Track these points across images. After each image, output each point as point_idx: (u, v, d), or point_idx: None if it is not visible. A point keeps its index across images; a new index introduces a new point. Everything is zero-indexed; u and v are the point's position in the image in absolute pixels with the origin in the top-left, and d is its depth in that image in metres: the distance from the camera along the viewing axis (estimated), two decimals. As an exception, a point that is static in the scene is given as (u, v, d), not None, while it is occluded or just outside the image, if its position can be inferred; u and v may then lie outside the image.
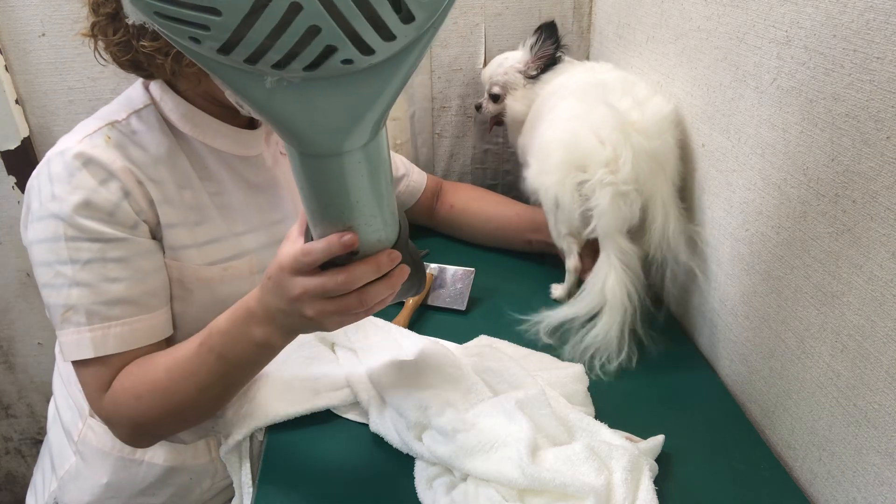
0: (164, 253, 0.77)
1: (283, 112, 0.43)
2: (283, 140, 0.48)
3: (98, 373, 0.72)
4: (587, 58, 1.29)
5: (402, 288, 0.63)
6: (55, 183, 0.71)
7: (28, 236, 0.74)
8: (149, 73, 0.76)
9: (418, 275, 0.65)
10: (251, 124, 0.86)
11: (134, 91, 0.80)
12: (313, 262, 0.57)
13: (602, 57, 1.20)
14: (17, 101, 1.19)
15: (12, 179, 1.22)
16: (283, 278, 0.59)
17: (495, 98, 1.13)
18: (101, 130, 0.74)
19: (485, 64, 1.27)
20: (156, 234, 0.76)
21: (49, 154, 0.73)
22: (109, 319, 0.72)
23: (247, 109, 0.77)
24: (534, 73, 1.07)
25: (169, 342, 0.77)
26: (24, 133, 1.20)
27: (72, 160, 0.71)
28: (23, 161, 1.21)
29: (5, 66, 1.16)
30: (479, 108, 1.18)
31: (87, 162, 0.71)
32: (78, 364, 0.73)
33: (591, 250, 0.92)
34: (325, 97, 0.42)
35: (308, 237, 0.59)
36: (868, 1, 0.54)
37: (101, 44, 0.72)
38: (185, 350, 0.70)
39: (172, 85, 0.79)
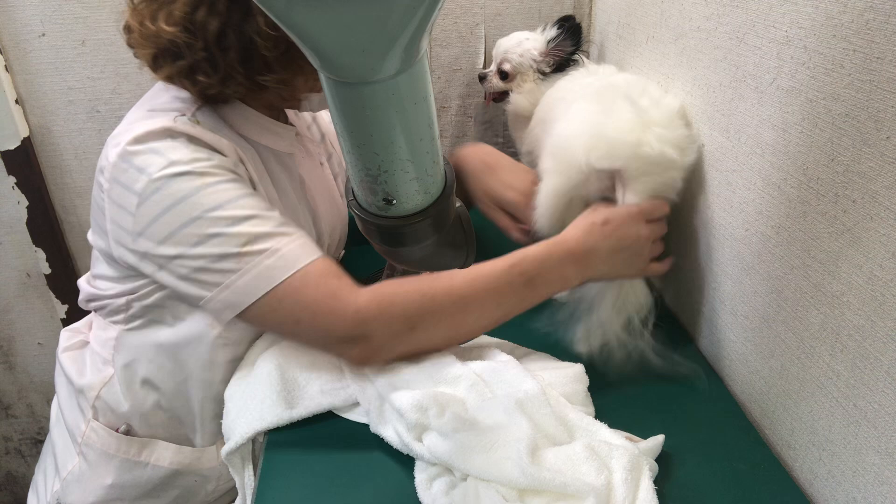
0: None
1: (305, 25, 0.41)
2: (315, 65, 0.45)
3: (323, 280, 0.66)
4: (587, 58, 1.29)
5: (446, 258, 0.60)
6: (167, 152, 0.67)
7: (141, 222, 0.68)
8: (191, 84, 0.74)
9: (467, 245, 0.62)
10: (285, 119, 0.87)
11: (179, 91, 0.77)
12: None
13: (602, 57, 1.20)
14: (17, 101, 1.19)
15: (12, 179, 1.23)
16: (632, 225, 0.74)
17: (503, 75, 1.08)
18: (184, 117, 0.72)
19: (485, 64, 1.27)
20: None
21: (132, 143, 0.68)
22: (290, 234, 0.68)
23: (307, 105, 0.78)
24: (547, 69, 1.04)
25: (217, 345, 0.78)
26: (24, 133, 1.20)
27: (176, 136, 0.68)
28: (23, 161, 1.21)
29: (5, 66, 1.16)
30: (483, 78, 1.13)
31: (191, 139, 0.69)
32: (278, 293, 0.66)
33: None
34: (347, 10, 0.40)
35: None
36: (868, 1, 0.54)
37: (167, 70, 0.71)
38: (490, 267, 0.72)
39: None
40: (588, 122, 0.85)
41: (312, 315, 0.67)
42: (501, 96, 1.12)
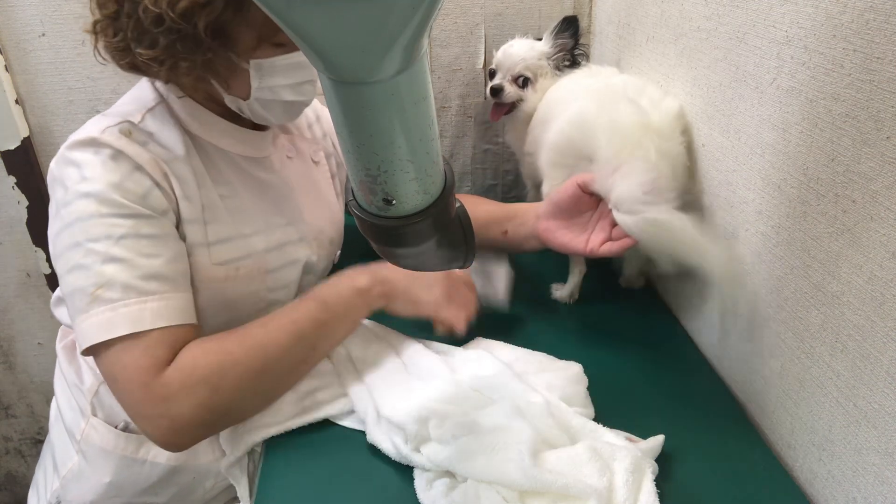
0: None
1: (304, 24, 0.41)
2: (314, 65, 0.45)
3: (147, 351, 0.66)
4: (587, 58, 1.29)
5: (444, 257, 0.60)
6: (84, 167, 0.69)
7: (53, 228, 0.71)
8: (147, 74, 0.76)
9: (467, 244, 0.61)
10: (256, 125, 0.86)
11: (142, 90, 0.80)
12: None
13: (602, 57, 1.20)
14: (17, 101, 1.19)
15: (12, 179, 1.22)
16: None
17: (525, 82, 1.07)
18: (120, 125, 0.73)
19: (485, 64, 1.27)
20: (178, 228, 0.75)
21: (66, 149, 0.72)
22: (146, 294, 0.67)
23: (247, 114, 0.77)
24: (565, 63, 1.05)
25: None
26: (24, 133, 1.21)
27: (99, 149, 0.70)
28: (23, 161, 1.21)
29: (5, 66, 1.16)
30: (497, 91, 1.07)
31: (116, 155, 0.70)
32: (109, 347, 0.66)
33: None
34: (347, 9, 0.40)
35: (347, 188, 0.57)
36: (868, 1, 0.54)
37: (101, 43, 0.72)
38: (283, 308, 0.75)
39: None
40: (580, 124, 0.86)
41: (122, 384, 0.67)
42: (511, 108, 1.09)
